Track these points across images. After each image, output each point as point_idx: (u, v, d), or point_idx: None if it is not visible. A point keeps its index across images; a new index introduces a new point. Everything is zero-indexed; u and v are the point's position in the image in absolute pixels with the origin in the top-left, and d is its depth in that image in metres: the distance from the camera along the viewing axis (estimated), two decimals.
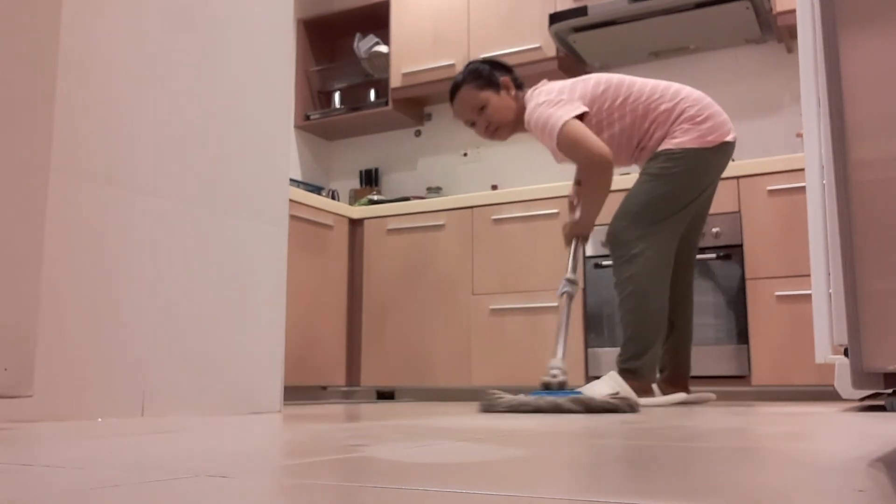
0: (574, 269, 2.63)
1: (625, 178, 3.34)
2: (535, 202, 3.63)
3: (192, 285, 2.13)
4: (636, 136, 2.68)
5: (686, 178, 2.60)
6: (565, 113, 2.57)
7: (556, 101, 2.61)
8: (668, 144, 2.62)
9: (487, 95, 2.73)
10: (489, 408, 2.21)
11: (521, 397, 2.18)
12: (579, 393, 2.25)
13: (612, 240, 2.65)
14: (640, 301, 2.55)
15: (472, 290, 3.74)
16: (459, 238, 3.81)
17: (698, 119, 2.61)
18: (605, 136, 2.67)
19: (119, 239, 1.94)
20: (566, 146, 2.56)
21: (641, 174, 2.68)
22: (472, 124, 2.80)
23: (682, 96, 2.66)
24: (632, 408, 2.13)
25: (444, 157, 4.64)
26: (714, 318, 3.21)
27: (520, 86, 2.79)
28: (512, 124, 2.77)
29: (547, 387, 2.30)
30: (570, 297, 2.56)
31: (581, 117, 2.59)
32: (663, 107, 2.64)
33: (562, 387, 2.30)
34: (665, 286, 2.62)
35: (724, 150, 2.65)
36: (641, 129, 2.67)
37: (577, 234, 2.71)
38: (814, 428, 1.44)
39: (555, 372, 2.33)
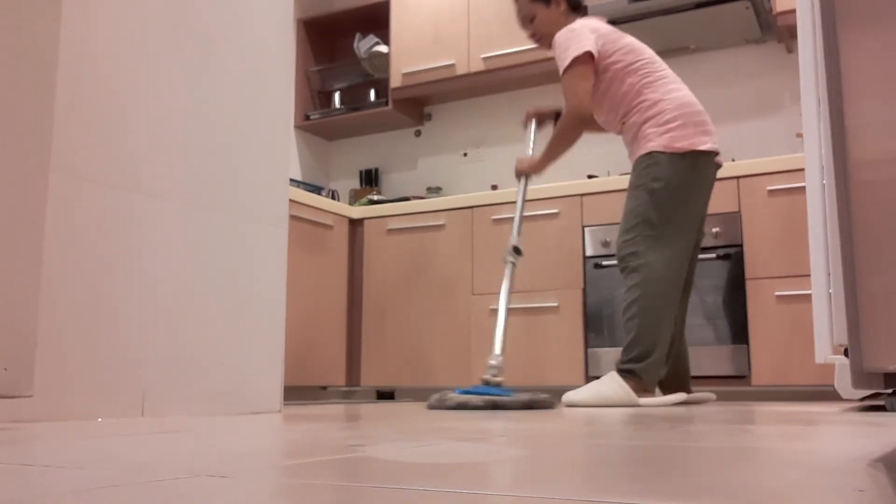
0: (519, 231, 2.87)
1: (622, 179, 3.34)
2: (536, 202, 3.62)
3: (192, 285, 2.13)
4: (622, 108, 2.74)
5: (663, 182, 2.61)
6: (577, 50, 2.70)
7: (581, 35, 2.73)
8: (642, 149, 2.67)
9: (537, 7, 2.90)
10: (437, 405, 2.39)
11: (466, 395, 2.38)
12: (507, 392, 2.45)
13: (620, 256, 2.69)
14: (645, 306, 2.55)
15: (472, 290, 3.74)
16: (459, 238, 3.81)
17: (672, 125, 2.63)
18: (602, 87, 2.76)
19: (119, 239, 1.94)
20: (564, 84, 2.74)
21: (628, 189, 2.72)
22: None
23: (671, 97, 2.67)
24: (546, 404, 2.38)
25: (444, 157, 4.64)
26: (714, 318, 3.21)
27: (575, 7, 2.90)
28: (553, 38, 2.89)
29: (486, 384, 2.51)
30: (514, 266, 2.80)
31: (589, 55, 2.71)
32: (651, 95, 2.68)
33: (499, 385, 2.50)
34: (673, 294, 2.62)
35: (696, 159, 2.63)
36: (627, 104, 2.72)
37: (529, 172, 2.98)
38: (814, 428, 1.44)
39: (493, 371, 2.53)
